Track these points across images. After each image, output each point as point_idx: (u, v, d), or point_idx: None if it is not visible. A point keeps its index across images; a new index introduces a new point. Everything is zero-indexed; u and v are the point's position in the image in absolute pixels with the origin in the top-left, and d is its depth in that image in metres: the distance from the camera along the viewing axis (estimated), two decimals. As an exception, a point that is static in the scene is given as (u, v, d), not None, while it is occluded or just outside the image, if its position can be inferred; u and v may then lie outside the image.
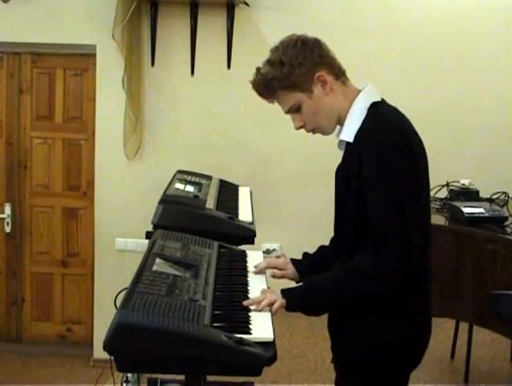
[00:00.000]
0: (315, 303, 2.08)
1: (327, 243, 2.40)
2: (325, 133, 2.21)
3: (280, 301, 2.06)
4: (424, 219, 2.10)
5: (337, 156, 2.23)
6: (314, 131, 2.21)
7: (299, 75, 2.10)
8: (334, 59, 2.17)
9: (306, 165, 4.91)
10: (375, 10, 4.84)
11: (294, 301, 2.08)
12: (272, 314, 2.04)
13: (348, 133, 2.11)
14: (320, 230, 2.44)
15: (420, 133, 2.15)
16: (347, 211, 2.10)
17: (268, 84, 2.13)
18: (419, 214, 2.05)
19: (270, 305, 2.05)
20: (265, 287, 2.29)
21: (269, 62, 2.13)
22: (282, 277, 2.41)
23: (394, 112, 2.15)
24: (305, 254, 2.47)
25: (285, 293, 2.09)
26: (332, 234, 2.28)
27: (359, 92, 2.16)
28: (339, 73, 2.16)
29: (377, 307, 2.07)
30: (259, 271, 2.40)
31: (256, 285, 2.29)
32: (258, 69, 2.16)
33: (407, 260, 1.98)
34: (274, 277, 2.41)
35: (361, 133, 2.08)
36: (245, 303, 2.06)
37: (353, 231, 2.09)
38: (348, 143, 2.13)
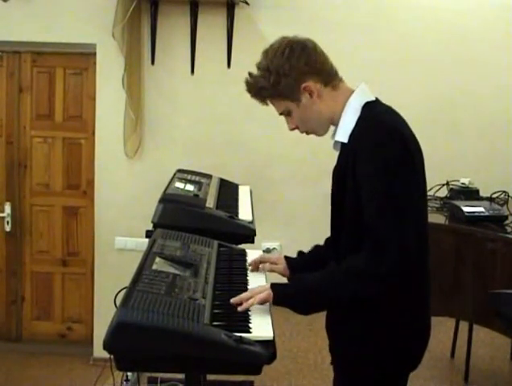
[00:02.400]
0: (303, 299, 2.05)
1: (326, 242, 2.40)
2: (318, 134, 2.22)
3: (267, 292, 2.04)
4: (421, 218, 2.10)
5: (337, 155, 2.23)
6: (307, 133, 2.22)
7: (286, 85, 2.10)
8: (323, 65, 2.14)
9: (306, 163, 4.91)
10: (374, 9, 4.84)
11: (281, 295, 2.05)
12: (254, 303, 2.01)
13: (343, 133, 2.11)
14: (319, 229, 2.43)
15: (420, 132, 2.14)
16: (344, 213, 2.09)
17: (257, 92, 2.15)
18: (416, 213, 2.04)
19: (258, 301, 2.03)
20: (265, 286, 2.29)
21: (258, 67, 2.14)
22: (272, 270, 2.41)
23: (388, 111, 2.14)
24: (300, 252, 2.47)
25: (273, 286, 2.07)
26: (329, 233, 2.28)
27: (352, 92, 2.15)
28: (328, 78, 2.14)
29: (375, 308, 2.05)
30: (253, 264, 2.42)
31: (256, 284, 2.28)
32: (250, 74, 2.16)
33: (404, 261, 1.96)
34: (263, 269, 2.41)
35: (355, 133, 2.07)
36: (232, 300, 2.03)
37: (352, 232, 2.07)
38: (343, 144, 2.12)
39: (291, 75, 2.09)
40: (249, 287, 2.26)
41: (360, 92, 2.15)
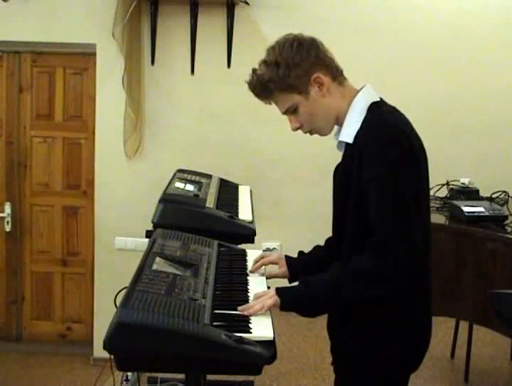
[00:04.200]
0: (311, 303, 2.04)
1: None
2: (323, 133, 2.20)
3: (274, 298, 2.04)
4: (425, 219, 2.10)
5: (338, 155, 2.22)
6: (311, 132, 2.19)
7: (296, 76, 2.08)
8: (331, 60, 2.14)
9: (306, 163, 4.92)
10: (376, 9, 4.84)
11: (288, 301, 2.05)
12: (262, 311, 2.01)
13: (348, 133, 2.10)
14: (320, 229, 2.44)
15: (420, 132, 2.14)
16: (348, 213, 2.08)
17: (264, 86, 2.11)
18: (420, 214, 2.05)
19: (267, 309, 2.02)
20: (265, 286, 2.29)
21: (265, 63, 2.11)
22: (270, 276, 2.41)
23: (394, 112, 2.13)
24: (300, 253, 2.46)
25: (280, 291, 2.06)
26: (330, 233, 2.28)
27: (357, 92, 2.14)
28: (336, 74, 2.13)
29: (376, 309, 2.05)
30: (255, 268, 2.41)
31: (256, 285, 2.29)
32: (254, 70, 2.13)
33: (410, 261, 1.96)
34: (264, 274, 2.41)
35: (361, 133, 2.06)
36: (239, 309, 2.03)
37: (356, 232, 2.07)
38: (347, 144, 2.11)
39: (302, 66, 2.07)
40: (249, 287, 2.26)
41: (365, 92, 2.14)
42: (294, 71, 2.07)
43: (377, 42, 4.84)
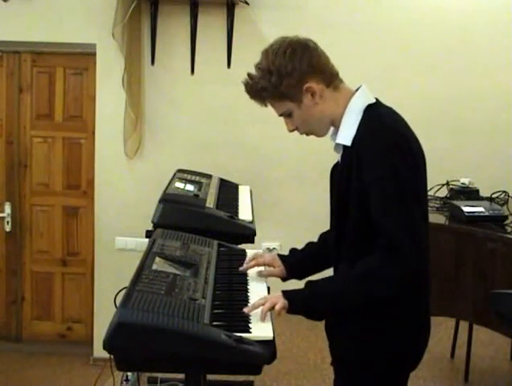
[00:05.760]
0: (319, 307, 2.04)
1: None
2: (318, 135, 2.21)
3: (282, 301, 2.02)
4: (424, 219, 2.10)
5: (337, 155, 2.22)
6: (307, 134, 2.21)
7: (288, 86, 2.07)
8: (325, 65, 2.13)
9: (306, 163, 4.91)
10: (375, 9, 4.84)
11: (296, 304, 2.04)
12: (273, 316, 2.01)
13: (345, 136, 2.09)
14: (319, 229, 2.44)
15: (420, 132, 2.14)
16: (348, 214, 2.08)
17: (258, 93, 2.12)
18: (424, 214, 2.05)
19: (272, 308, 2.01)
20: (264, 287, 2.29)
21: (259, 68, 2.12)
22: (269, 275, 2.40)
23: (390, 113, 2.13)
24: (292, 250, 2.45)
25: (287, 295, 2.05)
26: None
27: (353, 94, 2.14)
28: (330, 79, 2.13)
29: (376, 308, 2.05)
30: (246, 268, 2.39)
31: (255, 285, 2.29)
32: (249, 75, 2.14)
33: (418, 262, 1.96)
34: (261, 275, 2.39)
35: (358, 136, 2.06)
36: (246, 310, 2.01)
37: (356, 232, 2.07)
38: (345, 146, 2.11)
39: (293, 75, 2.07)
40: (249, 287, 2.26)
41: (361, 94, 2.13)
42: (286, 80, 2.07)
43: (377, 42, 4.84)
